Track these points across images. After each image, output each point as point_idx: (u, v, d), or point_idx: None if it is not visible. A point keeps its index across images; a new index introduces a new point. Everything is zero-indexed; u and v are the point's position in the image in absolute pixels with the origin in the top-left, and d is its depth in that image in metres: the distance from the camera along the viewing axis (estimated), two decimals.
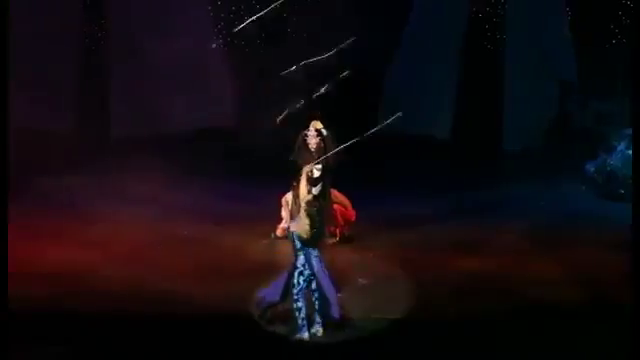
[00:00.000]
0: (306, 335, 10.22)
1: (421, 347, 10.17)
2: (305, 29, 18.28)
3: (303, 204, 10.34)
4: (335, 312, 10.37)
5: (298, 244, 10.28)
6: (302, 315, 10.23)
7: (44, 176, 16.11)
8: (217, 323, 10.58)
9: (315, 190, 10.65)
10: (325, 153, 12.96)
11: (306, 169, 10.73)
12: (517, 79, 17.93)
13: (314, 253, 10.31)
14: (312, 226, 10.22)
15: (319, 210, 10.51)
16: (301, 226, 10.23)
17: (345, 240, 13.80)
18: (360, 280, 12.06)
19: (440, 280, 12.18)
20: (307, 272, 10.27)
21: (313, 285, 10.30)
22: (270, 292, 10.50)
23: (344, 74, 12.75)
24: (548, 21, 18.00)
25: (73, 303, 10.97)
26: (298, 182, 10.83)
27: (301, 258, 10.28)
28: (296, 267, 10.30)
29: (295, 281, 10.29)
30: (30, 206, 14.58)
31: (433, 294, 11.59)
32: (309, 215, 10.27)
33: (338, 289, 10.60)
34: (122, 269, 12.32)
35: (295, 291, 10.28)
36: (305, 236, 10.19)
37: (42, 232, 13.69)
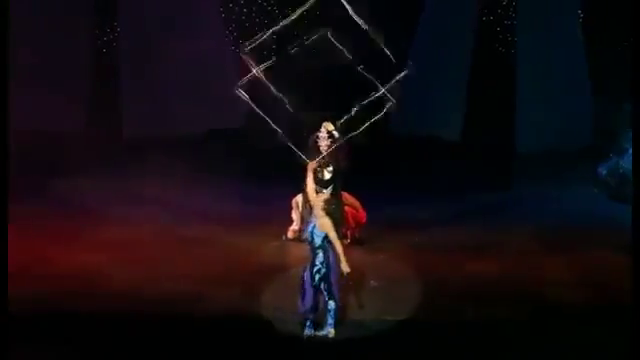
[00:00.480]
0: (310, 332, 10.07)
1: (431, 348, 10.02)
2: (315, 31, 18.16)
3: (321, 203, 10.20)
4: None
5: (318, 241, 10.07)
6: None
7: (47, 177, 16.07)
8: (224, 324, 10.44)
9: (327, 191, 10.52)
10: (336, 155, 12.84)
11: (311, 166, 10.62)
12: (528, 81, 17.81)
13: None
14: (335, 224, 10.12)
15: (336, 208, 10.35)
16: (322, 224, 10.05)
17: (356, 242, 13.62)
18: (372, 282, 11.90)
19: (451, 282, 12.07)
20: (324, 270, 10.08)
21: (322, 284, 10.11)
22: (304, 302, 10.23)
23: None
24: (560, 23, 17.86)
25: (73, 304, 10.83)
26: (306, 183, 10.75)
27: (320, 256, 10.09)
28: (314, 265, 10.11)
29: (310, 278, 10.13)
30: (31, 206, 14.41)
31: (443, 296, 11.46)
32: (328, 214, 10.13)
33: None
34: (126, 270, 12.16)
35: None
36: (331, 233, 10.03)
37: (44, 233, 13.61)
